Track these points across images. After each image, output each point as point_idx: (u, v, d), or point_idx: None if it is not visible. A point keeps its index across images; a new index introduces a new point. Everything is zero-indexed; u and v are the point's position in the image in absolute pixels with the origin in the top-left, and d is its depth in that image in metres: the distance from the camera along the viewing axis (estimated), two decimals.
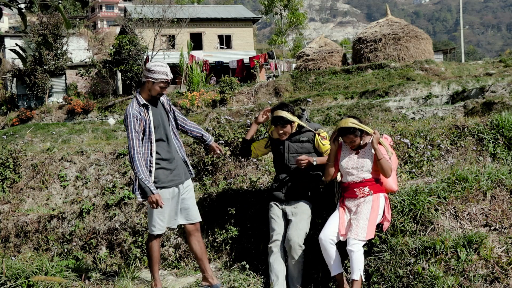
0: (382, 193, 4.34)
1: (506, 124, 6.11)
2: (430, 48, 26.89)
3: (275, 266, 4.45)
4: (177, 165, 4.24)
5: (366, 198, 4.26)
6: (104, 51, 38.25)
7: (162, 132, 4.19)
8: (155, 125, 4.13)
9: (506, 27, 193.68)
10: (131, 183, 7.71)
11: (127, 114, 4.07)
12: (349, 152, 4.40)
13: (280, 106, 4.66)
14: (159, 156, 4.12)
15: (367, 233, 4.14)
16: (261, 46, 55.34)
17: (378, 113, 15.48)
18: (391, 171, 4.26)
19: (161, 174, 4.12)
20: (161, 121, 4.20)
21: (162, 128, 4.19)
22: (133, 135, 4.01)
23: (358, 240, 4.10)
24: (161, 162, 4.13)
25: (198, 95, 23.11)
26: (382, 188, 4.37)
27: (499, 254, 4.01)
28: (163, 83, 4.10)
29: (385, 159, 4.23)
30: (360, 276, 4.04)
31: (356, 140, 4.29)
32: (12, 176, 7.96)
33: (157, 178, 4.09)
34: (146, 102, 4.13)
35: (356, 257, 4.05)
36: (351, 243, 4.10)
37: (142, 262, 5.61)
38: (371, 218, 4.18)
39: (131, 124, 4.03)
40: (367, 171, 4.31)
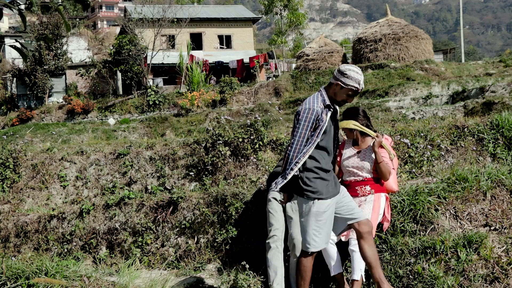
0: (383, 193, 4.35)
1: (506, 124, 6.12)
2: (430, 48, 26.88)
3: (274, 262, 4.42)
4: (332, 177, 3.89)
5: (367, 197, 4.27)
6: (104, 51, 38.23)
7: (329, 141, 3.83)
8: (326, 131, 3.76)
9: (506, 27, 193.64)
10: (131, 183, 7.71)
11: (308, 108, 3.69)
12: (351, 151, 4.41)
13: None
14: (318, 164, 3.76)
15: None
16: (261, 46, 55.32)
17: (378, 113, 15.47)
18: (389, 175, 4.27)
19: (320, 185, 3.75)
20: (330, 129, 3.83)
21: (329, 137, 3.83)
22: (304, 133, 3.67)
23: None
24: (320, 172, 3.77)
25: (198, 95, 23.10)
26: (383, 188, 4.38)
27: (499, 254, 4.01)
28: (352, 91, 3.70)
29: (384, 163, 4.24)
30: (361, 276, 4.04)
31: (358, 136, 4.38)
32: (12, 176, 7.96)
33: (315, 188, 3.73)
34: (330, 104, 3.75)
35: (358, 257, 4.05)
36: (352, 243, 4.10)
37: (142, 262, 5.61)
38: (372, 218, 4.19)
39: (308, 120, 3.67)
40: (368, 172, 4.32)
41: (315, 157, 3.74)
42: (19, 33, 36.37)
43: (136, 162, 7.87)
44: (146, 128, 21.64)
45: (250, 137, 7.11)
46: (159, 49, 27.27)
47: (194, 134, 13.46)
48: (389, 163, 4.31)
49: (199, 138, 7.71)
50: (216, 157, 7.10)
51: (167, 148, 7.92)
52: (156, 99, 24.76)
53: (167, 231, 5.77)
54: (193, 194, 5.92)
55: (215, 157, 7.11)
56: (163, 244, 5.75)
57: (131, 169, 7.81)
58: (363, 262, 4.07)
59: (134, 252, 5.74)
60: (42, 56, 27.80)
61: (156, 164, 7.74)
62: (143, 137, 18.63)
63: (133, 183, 7.70)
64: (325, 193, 3.74)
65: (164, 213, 5.83)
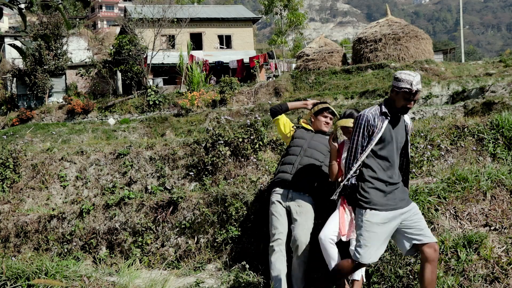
0: None
1: (506, 124, 6.12)
2: (430, 48, 26.88)
3: (277, 265, 4.41)
4: (394, 190, 3.70)
5: None
6: (104, 51, 38.23)
7: (391, 151, 3.69)
8: (384, 139, 3.66)
9: (506, 27, 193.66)
10: (131, 183, 7.72)
11: (360, 115, 3.70)
12: None
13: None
14: (374, 174, 3.66)
15: None
16: (261, 46, 55.32)
17: None
18: None
19: (374, 195, 3.63)
20: (393, 139, 3.69)
21: (390, 147, 3.69)
22: (357, 139, 3.67)
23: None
24: (376, 182, 3.66)
25: (198, 95, 23.11)
26: None
27: (499, 254, 4.01)
28: (406, 93, 3.56)
29: None
30: (361, 276, 4.04)
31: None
32: (12, 176, 7.96)
33: (369, 198, 3.62)
34: (387, 111, 3.68)
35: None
36: (353, 243, 4.09)
37: (142, 262, 5.61)
38: None
39: (359, 127, 3.67)
40: None
41: (371, 167, 3.67)
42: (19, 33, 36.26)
43: (136, 162, 7.87)
44: (146, 128, 21.65)
45: (250, 137, 7.11)
46: (159, 49, 27.27)
47: (194, 134, 13.47)
48: None
49: (199, 138, 7.71)
50: (216, 157, 7.10)
51: (167, 148, 7.92)
52: (156, 99, 24.76)
53: (167, 231, 5.77)
54: (193, 194, 5.92)
55: (215, 157, 7.11)
56: (163, 244, 5.75)
57: (131, 169, 7.82)
58: None
59: (134, 252, 5.74)
60: (42, 56, 27.80)
61: (156, 164, 7.74)
62: (143, 137, 18.63)
63: (133, 183, 7.70)
64: (379, 205, 3.60)
65: (164, 213, 5.83)
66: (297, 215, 4.50)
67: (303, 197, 4.58)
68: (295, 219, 4.49)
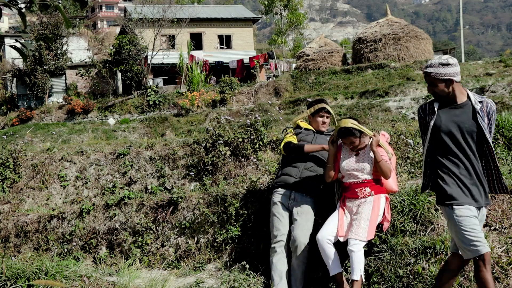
0: (383, 193, 4.33)
1: (506, 124, 6.12)
2: (430, 48, 26.89)
3: (279, 266, 4.42)
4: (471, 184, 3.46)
5: (367, 198, 4.25)
6: (104, 51, 38.23)
7: (453, 142, 3.47)
8: (442, 129, 3.48)
9: (506, 27, 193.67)
10: (131, 183, 7.71)
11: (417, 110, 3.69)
12: (349, 153, 4.38)
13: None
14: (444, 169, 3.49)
15: (368, 233, 4.13)
16: (261, 46, 55.32)
17: (378, 113, 15.48)
18: (390, 172, 4.24)
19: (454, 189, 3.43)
20: (455, 127, 3.47)
21: (452, 138, 3.47)
22: (421, 134, 3.67)
23: (359, 240, 4.09)
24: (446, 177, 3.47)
25: (198, 95, 23.11)
26: (383, 188, 4.36)
27: (499, 254, 4.01)
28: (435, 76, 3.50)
29: (384, 161, 4.20)
30: (360, 276, 4.04)
31: (356, 141, 4.27)
32: (12, 176, 7.96)
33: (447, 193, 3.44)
34: (435, 100, 3.58)
35: (357, 257, 4.05)
36: (351, 243, 4.09)
37: (142, 262, 5.61)
38: (372, 219, 4.17)
39: (418, 121, 3.66)
40: (367, 173, 4.30)
41: (440, 160, 3.52)
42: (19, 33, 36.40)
43: (136, 162, 7.87)
44: (146, 128, 21.65)
45: (250, 137, 7.11)
46: (159, 49, 27.27)
47: (194, 134, 13.48)
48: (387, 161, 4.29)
49: (199, 138, 7.71)
50: (216, 157, 7.10)
51: (167, 148, 7.92)
52: (156, 99, 24.76)
53: (167, 231, 5.77)
54: (193, 194, 5.92)
55: (215, 157, 7.11)
56: (163, 244, 5.75)
57: (131, 169, 7.81)
58: (363, 262, 4.06)
59: (134, 252, 5.74)
60: (42, 56, 27.80)
61: (156, 164, 7.74)
62: (143, 137, 18.63)
63: (133, 183, 7.70)
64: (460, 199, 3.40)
65: (164, 213, 5.83)
66: (297, 215, 4.50)
67: (305, 198, 4.58)
68: (295, 219, 4.49)
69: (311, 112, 4.88)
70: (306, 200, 4.57)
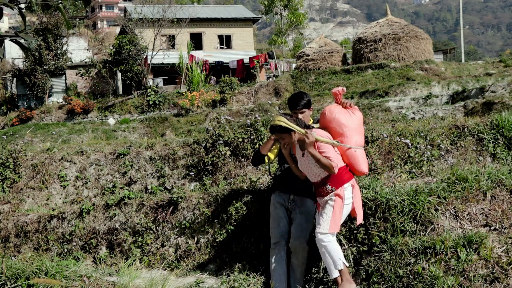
0: (347, 183, 4.18)
1: (506, 124, 6.12)
2: (430, 48, 26.89)
3: (278, 267, 4.42)
4: None
5: (330, 195, 4.18)
6: (104, 51, 38.23)
7: None
8: None
9: (506, 27, 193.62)
10: (131, 183, 7.72)
11: None
12: (300, 154, 4.34)
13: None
14: None
15: (330, 225, 4.08)
16: (261, 46, 55.32)
17: (378, 113, 15.48)
18: (334, 168, 4.04)
19: None
20: None
21: None
22: None
23: (321, 233, 4.08)
24: None
25: (198, 95, 23.10)
26: (346, 177, 4.19)
27: (499, 254, 4.01)
28: None
29: (323, 160, 4.03)
30: (343, 264, 4.05)
31: (286, 138, 4.18)
32: (12, 176, 7.96)
33: None
34: None
35: (329, 249, 4.06)
36: (318, 237, 4.11)
37: (142, 262, 5.61)
38: (334, 211, 4.11)
39: None
40: (320, 171, 4.18)
41: None
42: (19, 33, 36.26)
43: (136, 162, 7.87)
44: (146, 128, 21.65)
45: (250, 137, 7.11)
46: (159, 49, 27.27)
47: (194, 134, 13.46)
48: (330, 156, 4.04)
49: (199, 138, 7.71)
50: (216, 157, 7.10)
51: (167, 148, 7.92)
52: (156, 99, 24.76)
53: (167, 231, 5.77)
54: (193, 194, 5.92)
55: (215, 157, 7.11)
56: (163, 244, 5.75)
57: (131, 169, 7.81)
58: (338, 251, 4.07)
59: (134, 252, 5.74)
60: (42, 56, 27.80)
61: (156, 164, 7.74)
62: (143, 137, 18.63)
63: (133, 183, 7.70)
64: None
65: (164, 213, 5.83)
66: (296, 215, 4.50)
67: (304, 198, 4.58)
68: (295, 219, 4.49)
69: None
70: (305, 201, 4.56)
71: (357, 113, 4.31)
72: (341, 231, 4.58)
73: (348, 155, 4.23)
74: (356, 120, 4.28)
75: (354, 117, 4.28)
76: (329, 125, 4.31)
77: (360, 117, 4.34)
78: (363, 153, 4.30)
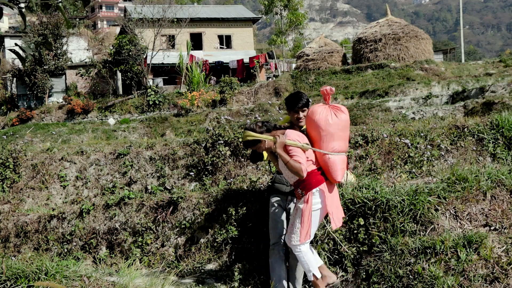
0: (315, 187, 4.07)
1: (506, 124, 6.12)
2: (430, 48, 26.89)
3: (278, 267, 4.44)
4: None
5: (302, 199, 4.12)
6: (104, 51, 38.23)
7: None
8: None
9: (506, 27, 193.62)
10: (131, 183, 7.71)
11: None
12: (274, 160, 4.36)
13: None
14: None
15: (301, 236, 4.05)
16: (261, 46, 55.33)
17: (378, 113, 15.48)
18: (302, 172, 3.95)
19: None
20: None
21: None
22: None
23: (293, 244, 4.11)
24: None
25: (198, 95, 23.09)
26: (314, 182, 4.08)
27: (499, 254, 4.01)
28: None
29: (292, 162, 3.97)
30: (313, 276, 4.06)
31: (260, 148, 4.23)
32: (12, 176, 7.96)
33: None
34: None
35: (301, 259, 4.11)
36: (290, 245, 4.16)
37: (142, 262, 5.61)
38: (303, 220, 4.06)
39: None
40: (292, 176, 4.14)
41: None
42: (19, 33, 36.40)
43: (136, 162, 7.87)
44: (146, 128, 21.64)
45: None
46: (159, 49, 27.27)
47: (194, 134, 13.46)
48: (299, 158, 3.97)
49: (199, 138, 7.71)
50: (216, 157, 7.10)
51: (167, 148, 7.92)
52: (156, 99, 24.76)
53: (167, 231, 5.77)
54: (193, 194, 5.92)
55: (215, 157, 7.11)
56: (163, 244, 5.75)
57: (131, 169, 7.81)
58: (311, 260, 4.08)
59: (134, 252, 5.74)
60: (42, 56, 27.80)
61: (156, 164, 7.73)
62: (143, 137, 18.62)
63: (133, 183, 7.70)
64: None
65: (164, 213, 5.83)
66: (295, 215, 4.49)
67: None
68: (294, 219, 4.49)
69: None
70: None
71: (342, 116, 4.12)
72: (341, 231, 4.58)
73: (323, 160, 4.10)
74: (339, 124, 4.10)
75: (338, 120, 4.10)
76: (308, 126, 4.22)
77: (345, 119, 4.13)
78: (340, 159, 4.10)
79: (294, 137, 4.10)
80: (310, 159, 4.09)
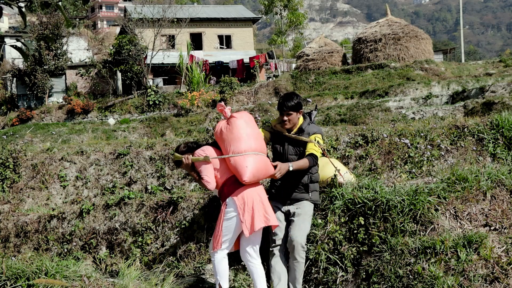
0: (227, 198, 4.24)
1: (506, 124, 6.12)
2: (430, 48, 26.90)
3: (277, 269, 4.43)
4: None
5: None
6: (104, 51, 38.24)
7: None
8: None
9: (506, 27, 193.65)
10: (131, 183, 7.72)
11: None
12: None
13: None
14: None
15: (212, 244, 4.27)
16: (261, 46, 55.35)
17: (378, 113, 15.48)
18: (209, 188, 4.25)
19: None
20: None
21: None
22: None
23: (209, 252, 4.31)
24: None
25: (198, 95, 23.10)
26: (225, 192, 4.27)
27: (499, 254, 4.01)
28: None
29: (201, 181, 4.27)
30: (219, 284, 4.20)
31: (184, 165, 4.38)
32: (12, 176, 7.96)
33: None
34: None
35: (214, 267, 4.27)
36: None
37: (142, 262, 5.61)
38: (217, 228, 4.27)
39: None
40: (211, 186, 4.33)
41: None
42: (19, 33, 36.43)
43: (136, 162, 7.87)
44: (146, 128, 21.64)
45: None
46: (159, 49, 27.27)
47: (194, 134, 13.46)
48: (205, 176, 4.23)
49: (199, 138, 7.71)
50: None
51: (167, 148, 7.92)
52: (156, 99, 24.76)
53: (167, 231, 5.77)
54: (193, 194, 5.92)
55: None
56: (163, 244, 5.75)
57: (131, 169, 7.81)
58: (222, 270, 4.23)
59: (134, 252, 5.74)
60: (42, 56, 27.79)
61: (156, 164, 7.74)
62: (143, 137, 18.62)
63: (133, 183, 7.70)
64: None
65: (164, 213, 5.83)
66: (294, 216, 4.50)
67: (301, 201, 4.58)
68: (292, 220, 4.49)
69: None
70: (302, 202, 4.57)
71: (234, 122, 4.30)
72: (341, 231, 4.58)
73: (231, 165, 4.23)
74: (232, 131, 4.28)
75: (230, 127, 4.30)
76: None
77: (236, 125, 4.29)
78: (242, 159, 4.17)
79: (200, 152, 4.34)
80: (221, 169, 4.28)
